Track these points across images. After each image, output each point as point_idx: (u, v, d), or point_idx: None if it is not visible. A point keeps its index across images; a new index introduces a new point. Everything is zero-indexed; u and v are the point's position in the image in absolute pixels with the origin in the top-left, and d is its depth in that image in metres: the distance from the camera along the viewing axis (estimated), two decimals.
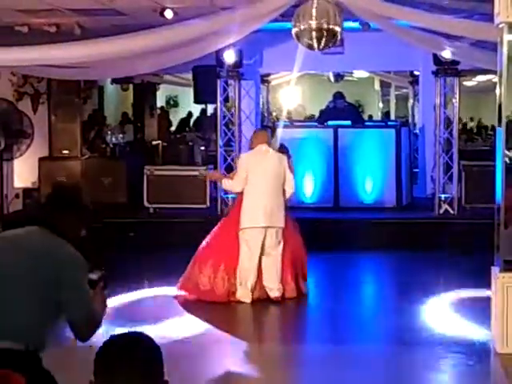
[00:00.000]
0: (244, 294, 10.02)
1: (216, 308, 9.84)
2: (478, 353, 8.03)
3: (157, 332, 8.08)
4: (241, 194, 10.19)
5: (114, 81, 19.84)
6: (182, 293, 10.24)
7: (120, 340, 2.51)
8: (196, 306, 9.93)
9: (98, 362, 2.48)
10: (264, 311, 9.99)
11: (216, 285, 10.04)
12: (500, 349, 7.88)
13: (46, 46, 10.81)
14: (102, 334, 3.42)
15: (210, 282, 10.06)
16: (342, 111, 15.66)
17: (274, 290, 10.01)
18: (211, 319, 9.33)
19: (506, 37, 7.80)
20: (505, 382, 7.62)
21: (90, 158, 16.02)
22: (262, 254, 10.02)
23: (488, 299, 8.33)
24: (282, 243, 10.04)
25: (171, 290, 10.47)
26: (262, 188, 9.98)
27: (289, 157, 10.38)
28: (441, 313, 9.60)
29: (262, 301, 10.02)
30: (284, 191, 10.11)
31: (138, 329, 2.59)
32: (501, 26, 7.84)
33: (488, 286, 8.31)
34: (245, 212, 10.04)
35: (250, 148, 10.39)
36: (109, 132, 18.74)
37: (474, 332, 8.67)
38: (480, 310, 8.94)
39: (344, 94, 16.39)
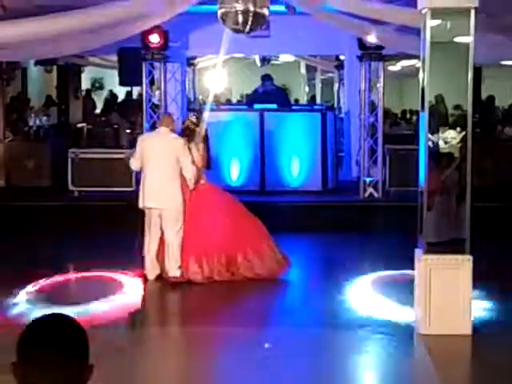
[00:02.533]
0: (147, 270, 10.22)
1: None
2: (401, 334, 8.16)
3: (81, 314, 8.01)
4: None
5: (38, 62, 19.53)
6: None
7: (45, 321, 2.47)
8: (120, 286, 9.93)
9: (21, 344, 2.44)
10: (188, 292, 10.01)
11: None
12: (423, 330, 8.01)
13: None
14: (27, 317, 3.37)
15: None
16: (270, 94, 15.68)
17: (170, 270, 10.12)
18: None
19: (429, 22, 7.89)
20: (428, 362, 7.75)
21: (13, 141, 15.79)
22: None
23: (411, 281, 8.46)
24: (178, 225, 10.05)
25: (94, 273, 10.44)
26: (151, 169, 10.11)
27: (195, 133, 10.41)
28: (365, 294, 9.71)
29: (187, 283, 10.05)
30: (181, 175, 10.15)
31: (62, 311, 2.55)
32: (424, 11, 7.93)
33: (412, 267, 8.43)
34: (139, 192, 10.29)
35: None
36: (32, 115, 18.46)
37: (397, 313, 8.80)
38: (404, 292, 9.07)
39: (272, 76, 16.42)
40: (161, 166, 10.04)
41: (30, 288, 9.85)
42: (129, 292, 9.82)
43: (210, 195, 10.47)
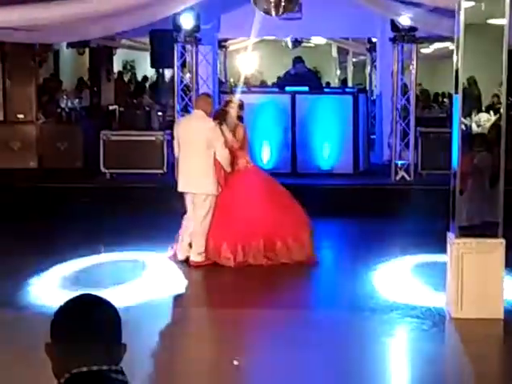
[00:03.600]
0: (178, 251, 10.24)
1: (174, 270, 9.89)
2: (433, 317, 8.13)
3: (114, 296, 8.05)
4: None
5: (70, 45, 19.59)
6: None
7: (78, 302, 2.49)
8: (150, 269, 9.96)
9: (55, 323, 2.45)
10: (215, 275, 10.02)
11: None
12: (455, 313, 7.98)
13: None
14: (59, 299, 3.38)
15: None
16: (302, 77, 15.62)
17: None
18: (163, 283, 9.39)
19: (464, 4, 7.82)
20: (459, 346, 7.74)
21: (46, 123, 15.84)
22: None
23: (443, 264, 8.42)
24: (204, 210, 9.98)
25: (127, 255, 10.49)
26: (186, 153, 10.05)
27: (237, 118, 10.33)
28: (396, 278, 9.67)
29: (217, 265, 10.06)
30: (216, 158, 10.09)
31: (96, 293, 2.56)
32: None
33: (443, 251, 8.39)
34: (177, 176, 10.28)
35: None
36: (64, 97, 18.54)
37: (429, 297, 8.77)
38: (435, 276, 9.04)
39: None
40: (193, 150, 9.96)
41: (62, 269, 9.92)
42: (157, 273, 9.85)
43: (252, 178, 10.39)
